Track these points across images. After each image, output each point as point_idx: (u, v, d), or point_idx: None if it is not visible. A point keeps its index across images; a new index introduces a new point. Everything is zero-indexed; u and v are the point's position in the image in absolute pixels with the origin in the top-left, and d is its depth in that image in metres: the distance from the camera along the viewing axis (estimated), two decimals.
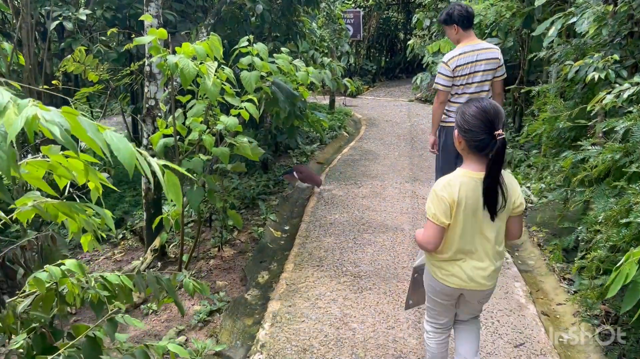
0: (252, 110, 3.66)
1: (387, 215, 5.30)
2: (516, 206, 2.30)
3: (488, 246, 2.30)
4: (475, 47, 4.23)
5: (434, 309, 2.59)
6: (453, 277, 2.35)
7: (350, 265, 4.25)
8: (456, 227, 2.27)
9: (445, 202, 2.23)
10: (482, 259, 2.31)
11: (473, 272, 2.31)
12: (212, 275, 4.32)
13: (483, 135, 2.17)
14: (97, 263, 5.41)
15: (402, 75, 16.68)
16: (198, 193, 3.72)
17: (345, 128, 9.52)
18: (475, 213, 2.25)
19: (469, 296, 2.44)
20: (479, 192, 2.22)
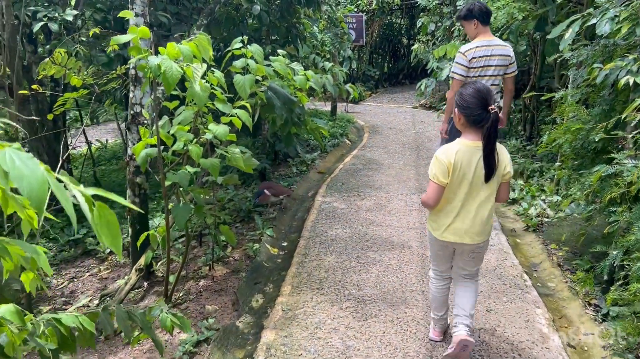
0: (245, 117, 3.29)
1: (393, 230, 4.92)
2: (505, 172, 2.75)
3: (482, 207, 2.75)
4: (491, 42, 4.46)
5: (434, 259, 3.11)
6: (446, 233, 2.84)
7: (354, 287, 3.86)
8: (452, 187, 2.73)
9: (443, 164, 2.69)
10: (474, 217, 2.76)
11: (466, 228, 2.78)
12: (202, 298, 3.94)
13: (479, 111, 2.61)
14: (81, 280, 5.03)
15: (406, 81, 16.32)
16: (185, 210, 3.34)
17: (347, 135, 9.15)
18: (468, 176, 2.70)
19: (460, 249, 2.92)
20: (473, 158, 2.68)
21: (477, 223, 2.77)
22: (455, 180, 2.70)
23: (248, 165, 3.65)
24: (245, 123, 3.31)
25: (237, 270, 4.34)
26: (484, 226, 2.79)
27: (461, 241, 2.82)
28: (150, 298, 4.14)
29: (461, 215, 2.77)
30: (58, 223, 6.10)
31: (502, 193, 2.82)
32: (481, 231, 2.81)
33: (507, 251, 4.45)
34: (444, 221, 2.83)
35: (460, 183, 2.71)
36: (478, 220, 2.76)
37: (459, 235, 2.80)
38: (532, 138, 7.78)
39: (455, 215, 2.78)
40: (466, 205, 2.75)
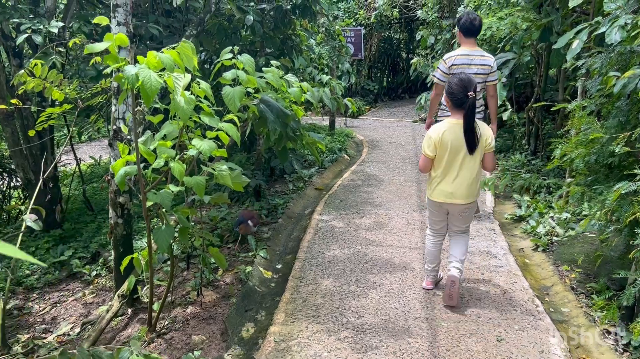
0: (233, 132, 3.03)
1: (394, 251, 4.63)
2: (488, 143, 3.41)
3: (467, 174, 3.43)
4: (472, 52, 4.88)
5: (431, 218, 3.80)
6: (439, 194, 3.54)
7: (352, 314, 3.57)
8: (442, 159, 3.44)
9: (431, 140, 3.45)
10: (461, 182, 3.44)
11: (453, 190, 3.47)
12: (189, 327, 3.64)
13: (461, 95, 3.30)
14: (64, 305, 4.73)
15: (405, 95, 16.14)
16: (167, 233, 3.07)
17: (346, 150, 8.90)
18: (457, 148, 3.39)
19: (452, 209, 3.60)
20: (458, 133, 3.36)
21: (463, 186, 3.46)
22: (443, 152, 3.44)
23: (237, 182, 3.39)
24: (233, 138, 3.05)
25: (228, 295, 4.05)
26: (469, 189, 3.48)
27: (451, 201, 3.52)
28: (134, 326, 3.84)
29: (449, 180, 3.48)
30: (44, 244, 5.82)
31: (487, 163, 3.50)
32: (467, 194, 3.49)
33: (516, 273, 4.17)
34: (435, 185, 3.56)
35: (447, 155, 3.43)
36: (465, 183, 3.46)
37: (448, 196, 3.51)
38: (536, 153, 7.53)
39: (445, 180, 3.50)
40: (453, 171, 3.46)
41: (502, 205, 6.11)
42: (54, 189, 6.21)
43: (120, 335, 3.76)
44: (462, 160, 3.41)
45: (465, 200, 3.50)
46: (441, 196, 3.53)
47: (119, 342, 3.67)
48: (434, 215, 3.75)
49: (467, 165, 3.42)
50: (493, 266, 4.31)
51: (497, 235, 4.97)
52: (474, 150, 3.36)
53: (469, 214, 3.67)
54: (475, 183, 3.48)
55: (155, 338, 3.52)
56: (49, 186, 5.87)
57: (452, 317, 3.52)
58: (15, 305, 4.60)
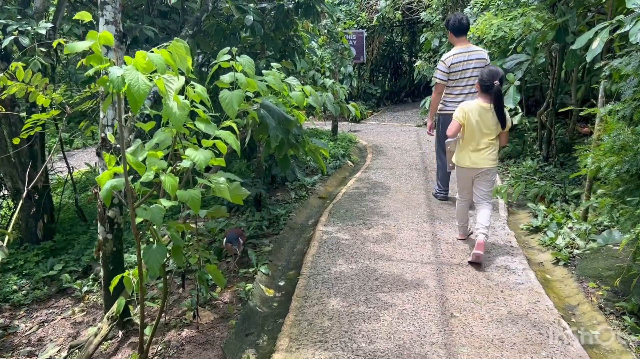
0: (231, 140, 2.73)
1: (405, 266, 4.32)
2: (507, 124, 4.34)
3: (487, 145, 4.35)
4: (467, 49, 5.44)
5: (459, 185, 4.63)
6: (466, 161, 4.42)
7: (363, 339, 3.26)
8: (467, 131, 4.36)
9: (464, 110, 4.36)
10: (483, 152, 4.36)
11: (477, 158, 4.38)
12: (183, 353, 3.33)
13: (489, 83, 4.19)
14: (52, 324, 4.41)
15: (408, 99, 15.84)
16: (158, 253, 2.76)
17: (349, 156, 8.60)
18: (478, 126, 4.31)
19: (476, 174, 4.44)
20: (482, 113, 4.30)
21: (485, 155, 4.38)
22: (470, 126, 4.34)
23: (236, 195, 3.08)
24: (232, 147, 2.74)
25: (227, 316, 3.74)
26: (490, 156, 4.39)
27: (475, 166, 4.41)
28: (124, 351, 3.53)
29: (475, 149, 4.39)
30: (33, 257, 5.50)
31: (502, 139, 4.48)
32: (489, 160, 4.40)
33: (538, 291, 3.85)
34: (464, 154, 4.45)
35: (473, 129, 4.34)
36: (486, 153, 4.38)
37: (473, 163, 4.40)
38: (549, 158, 7.23)
39: (470, 150, 4.41)
40: (478, 143, 4.37)
41: (516, 214, 5.80)
42: (44, 199, 5.90)
43: None
44: (485, 135, 4.36)
45: (487, 164, 4.41)
46: (467, 162, 4.44)
47: None
48: (461, 181, 4.62)
49: (488, 138, 4.36)
50: (513, 283, 4.00)
51: (514, 248, 4.66)
52: (505, 125, 4.34)
53: (490, 178, 4.50)
54: (495, 154, 4.42)
55: None
56: (34, 197, 5.53)
57: (472, 342, 3.20)
58: (0, 324, 4.29)
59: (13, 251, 5.62)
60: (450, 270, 4.22)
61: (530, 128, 7.69)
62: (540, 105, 8.23)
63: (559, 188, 5.91)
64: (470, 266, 4.28)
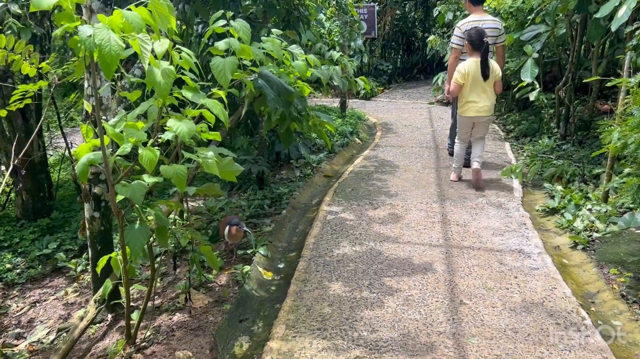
0: (218, 109, 2.47)
1: (413, 249, 4.07)
2: (496, 74, 5.26)
3: (484, 96, 5.23)
4: (482, 18, 5.73)
5: (460, 131, 5.54)
6: (470, 111, 5.28)
7: (365, 327, 3.03)
8: (467, 87, 5.22)
9: (462, 72, 5.19)
10: (483, 103, 5.23)
11: (477, 108, 5.24)
12: (173, 339, 3.12)
13: (478, 42, 5.11)
14: (44, 305, 4.25)
15: (420, 76, 15.42)
16: (141, 234, 2.53)
17: (357, 134, 8.30)
18: (476, 79, 5.17)
19: (477, 121, 5.34)
20: (477, 68, 5.14)
21: (484, 103, 5.21)
22: (468, 81, 5.17)
23: (227, 171, 2.84)
24: (220, 118, 2.49)
25: (222, 300, 3.53)
26: (489, 104, 5.23)
27: (478, 115, 5.25)
28: (112, 335, 3.34)
29: (476, 99, 5.21)
30: (29, 235, 5.33)
31: (497, 87, 5.32)
32: (487, 108, 5.25)
33: (555, 277, 3.59)
34: (466, 105, 5.27)
35: (471, 83, 5.16)
36: (485, 101, 5.21)
37: (476, 112, 5.24)
38: (566, 137, 6.89)
39: (472, 101, 5.21)
40: (478, 93, 5.20)
41: (531, 194, 5.51)
42: (41, 174, 5.72)
43: (97, 346, 3.26)
44: (481, 86, 5.20)
45: (487, 113, 5.28)
46: (472, 112, 5.27)
47: (93, 355, 3.17)
48: (463, 128, 5.49)
49: (485, 88, 5.21)
50: (527, 268, 3.73)
51: (528, 231, 4.38)
52: (488, 77, 5.16)
53: (487, 124, 5.48)
54: (492, 102, 5.29)
55: (134, 353, 3.01)
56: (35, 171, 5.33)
57: (483, 333, 2.96)
58: None
59: (9, 228, 5.46)
60: (461, 254, 3.97)
61: (548, 105, 7.32)
62: (558, 82, 7.86)
63: (577, 167, 5.59)
64: (483, 251, 4.02)
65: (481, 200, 5.12)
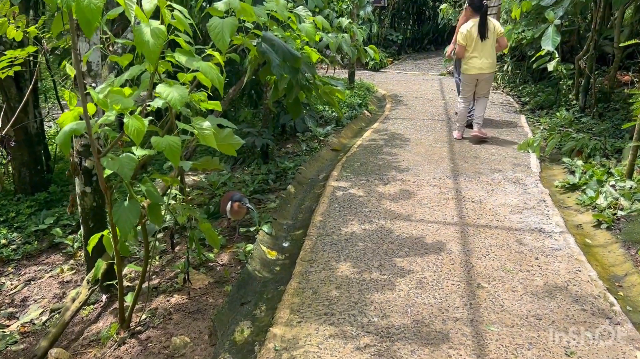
0: (212, 74, 2.21)
1: (426, 227, 3.84)
2: (498, 31, 5.73)
3: (487, 53, 5.65)
4: None
5: (464, 89, 5.93)
6: (473, 69, 5.69)
7: (375, 312, 2.81)
8: (471, 45, 5.65)
9: (464, 34, 5.66)
10: (486, 59, 5.66)
11: (481, 65, 5.66)
12: (170, 323, 2.93)
13: (478, 4, 5.57)
14: (39, 283, 4.07)
15: (431, 46, 14.97)
16: (130, 212, 2.30)
17: (366, 106, 8.00)
18: (477, 37, 5.60)
19: (481, 78, 5.74)
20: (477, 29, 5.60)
21: (487, 61, 5.64)
22: (471, 41, 5.59)
23: (227, 144, 2.59)
24: (214, 84, 2.23)
25: (223, 280, 3.32)
26: (490, 61, 5.65)
27: (481, 72, 5.65)
28: (106, 318, 3.15)
29: (477, 57, 5.61)
30: (26, 209, 5.13)
31: (501, 43, 5.82)
32: (490, 65, 5.66)
33: (578, 259, 3.35)
34: (469, 62, 5.66)
35: (474, 41, 5.58)
36: (488, 58, 5.64)
37: (479, 69, 5.64)
38: (586, 109, 6.57)
39: (475, 58, 5.62)
40: (479, 52, 5.60)
41: (550, 169, 5.24)
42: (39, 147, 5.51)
43: (90, 329, 3.08)
44: (483, 44, 5.60)
45: (489, 69, 5.69)
46: (475, 69, 5.67)
47: (86, 339, 2.98)
48: (467, 86, 5.87)
49: (487, 45, 5.61)
50: (549, 248, 3.49)
51: (548, 208, 4.13)
52: (485, 37, 5.57)
53: (490, 80, 5.85)
54: (494, 59, 5.71)
55: (128, 337, 2.82)
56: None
57: (503, 319, 2.74)
58: None
59: (5, 202, 5.27)
60: (477, 232, 3.73)
61: (567, 75, 6.98)
62: (576, 52, 7.49)
63: (598, 141, 5.30)
64: (500, 229, 3.78)
65: (497, 176, 4.85)
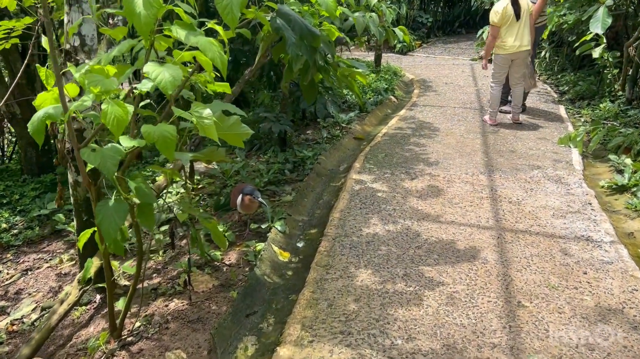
0: (212, 52, 1.82)
1: (457, 230, 3.43)
2: (529, 7, 5.48)
3: (522, 31, 5.45)
4: None
5: (497, 72, 5.74)
6: (510, 48, 5.49)
7: (399, 333, 2.44)
8: (507, 24, 5.44)
9: (498, 13, 5.42)
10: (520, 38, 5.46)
11: (515, 44, 5.46)
12: (167, 333, 2.60)
13: None
14: (36, 274, 3.79)
15: (462, 30, 14.32)
16: (116, 212, 1.96)
17: (393, 91, 7.54)
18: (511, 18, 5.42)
19: (517, 57, 5.54)
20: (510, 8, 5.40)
21: (523, 40, 5.47)
22: (507, 20, 5.44)
23: (232, 134, 2.22)
24: (215, 64, 1.85)
25: (229, 283, 2.98)
26: (526, 39, 5.47)
27: (518, 50, 5.48)
28: (98, 322, 2.84)
29: (512, 37, 5.45)
30: (31, 191, 4.87)
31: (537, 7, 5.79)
32: (526, 43, 5.49)
33: (634, 275, 2.91)
34: (505, 43, 5.49)
35: (509, 21, 5.44)
36: (523, 37, 5.46)
37: (517, 48, 5.47)
38: (632, 101, 6.03)
39: (511, 37, 5.45)
40: (514, 31, 5.45)
41: (594, 167, 4.76)
42: None
43: (79, 335, 2.77)
44: (517, 23, 5.42)
45: (527, 47, 5.48)
46: (512, 49, 5.48)
47: (73, 347, 2.68)
48: (500, 68, 5.68)
49: (521, 24, 5.43)
50: (598, 261, 3.07)
51: (595, 212, 3.68)
52: (520, 16, 5.41)
53: (525, 61, 5.63)
54: (529, 38, 5.49)
55: (118, 349, 2.50)
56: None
57: (549, 348, 2.34)
58: None
59: (10, 183, 5.02)
60: (515, 239, 3.31)
61: (612, 64, 6.42)
62: (621, 39, 6.90)
63: None
64: (542, 236, 3.35)
65: (536, 173, 4.40)
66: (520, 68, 5.61)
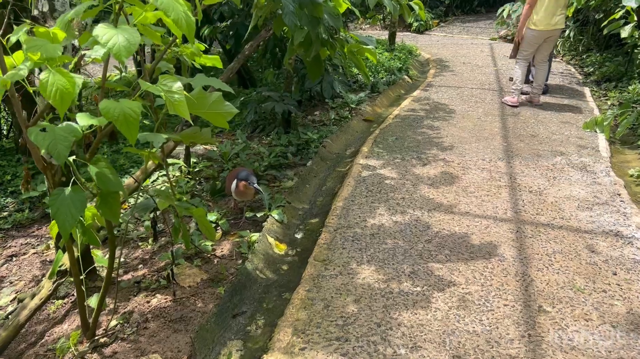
0: (178, 13, 1.52)
1: (472, 222, 3.12)
2: None
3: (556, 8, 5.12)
4: None
5: (526, 49, 5.41)
6: (546, 25, 5.17)
7: (403, 341, 2.15)
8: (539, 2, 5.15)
9: None
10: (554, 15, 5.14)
11: (550, 21, 5.14)
12: (145, 334, 2.34)
13: None
14: (20, 260, 3.57)
15: (481, 8, 13.79)
16: (73, 203, 1.69)
17: (407, 71, 7.17)
18: None
19: (549, 35, 5.25)
20: None
21: (557, 16, 5.17)
22: None
23: (214, 112, 1.93)
24: (180, 27, 1.54)
25: (217, 278, 2.71)
26: (560, 17, 5.17)
27: (553, 28, 5.22)
28: (73, 318, 2.60)
29: (547, 14, 5.16)
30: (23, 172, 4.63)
31: None
32: (559, 21, 5.20)
33: None
34: (539, 19, 5.20)
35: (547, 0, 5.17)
36: (557, 14, 5.17)
37: (551, 25, 5.20)
38: None
39: (546, 14, 5.16)
40: (550, 8, 5.14)
41: (622, 154, 4.40)
42: None
43: (52, 332, 2.53)
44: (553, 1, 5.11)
45: (561, 25, 5.20)
46: (548, 26, 5.17)
47: (43, 346, 2.44)
48: (530, 46, 5.37)
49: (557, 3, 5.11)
50: (630, 260, 2.74)
51: (625, 204, 3.34)
52: None
53: (555, 40, 5.41)
54: (564, 14, 5.20)
55: (89, 352, 2.26)
56: None
57: None
58: None
59: (4, 163, 4.81)
60: (536, 234, 2.99)
61: None
62: None
63: None
64: (566, 231, 3.03)
65: (559, 159, 4.06)
66: (550, 46, 5.38)
